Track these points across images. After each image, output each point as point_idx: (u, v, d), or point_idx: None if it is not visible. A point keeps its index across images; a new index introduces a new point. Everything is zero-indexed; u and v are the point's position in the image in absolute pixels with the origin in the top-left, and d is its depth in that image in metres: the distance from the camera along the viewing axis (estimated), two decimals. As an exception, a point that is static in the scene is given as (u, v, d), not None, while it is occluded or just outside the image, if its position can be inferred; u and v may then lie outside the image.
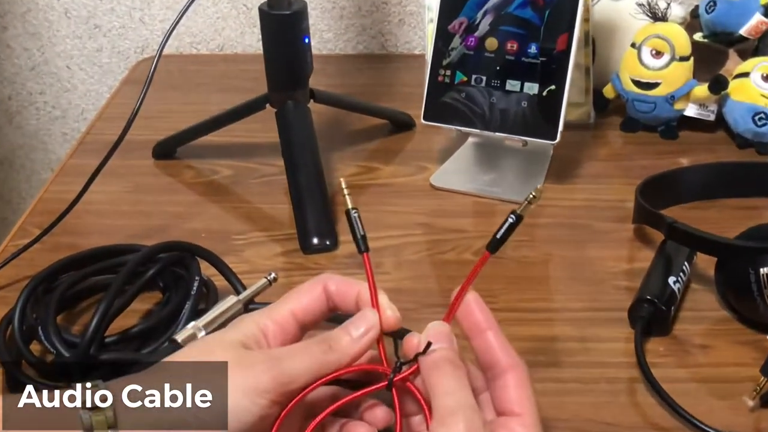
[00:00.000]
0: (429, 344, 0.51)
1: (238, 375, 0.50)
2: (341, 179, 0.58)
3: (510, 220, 0.52)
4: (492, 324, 0.53)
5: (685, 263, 0.71)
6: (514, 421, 0.49)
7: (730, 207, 0.85)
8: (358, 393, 0.54)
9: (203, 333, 0.64)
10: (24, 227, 0.81)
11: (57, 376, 0.62)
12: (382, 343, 0.55)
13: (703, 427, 0.58)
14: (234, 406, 0.49)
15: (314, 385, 0.52)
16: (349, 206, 0.57)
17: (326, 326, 0.56)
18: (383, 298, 0.56)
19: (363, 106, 1.02)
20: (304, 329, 0.56)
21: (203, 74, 1.18)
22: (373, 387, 0.54)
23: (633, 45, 0.96)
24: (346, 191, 0.59)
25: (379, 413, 0.56)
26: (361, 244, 0.58)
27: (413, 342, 0.53)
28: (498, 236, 0.52)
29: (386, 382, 0.54)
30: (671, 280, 0.69)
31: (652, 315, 0.67)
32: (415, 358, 0.52)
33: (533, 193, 0.51)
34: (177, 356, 0.53)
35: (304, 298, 0.56)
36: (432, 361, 0.51)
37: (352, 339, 0.53)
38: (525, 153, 0.89)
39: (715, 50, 1.03)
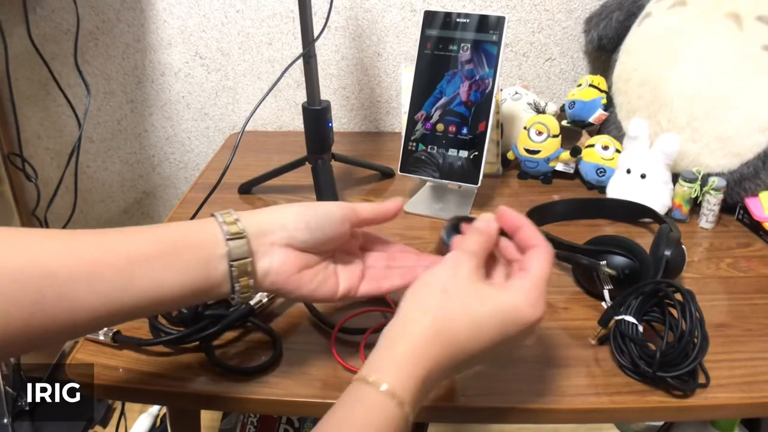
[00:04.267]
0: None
1: (335, 203, 0.51)
2: None
3: None
4: (525, 221, 0.49)
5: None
6: (520, 273, 0.46)
7: (581, 225, 0.85)
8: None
9: (266, 299, 0.65)
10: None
11: (179, 324, 0.63)
12: None
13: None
14: (326, 209, 0.50)
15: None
16: None
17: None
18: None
19: (363, 162, 1.02)
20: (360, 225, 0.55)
21: (269, 143, 1.18)
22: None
23: (525, 128, 0.97)
24: None
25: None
26: None
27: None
28: None
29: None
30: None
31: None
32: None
33: None
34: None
35: (366, 207, 0.55)
36: (470, 228, 0.50)
37: (389, 203, 0.54)
38: (460, 192, 0.89)
39: (574, 131, 1.04)
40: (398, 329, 0.43)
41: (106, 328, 0.61)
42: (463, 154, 0.85)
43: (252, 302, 0.63)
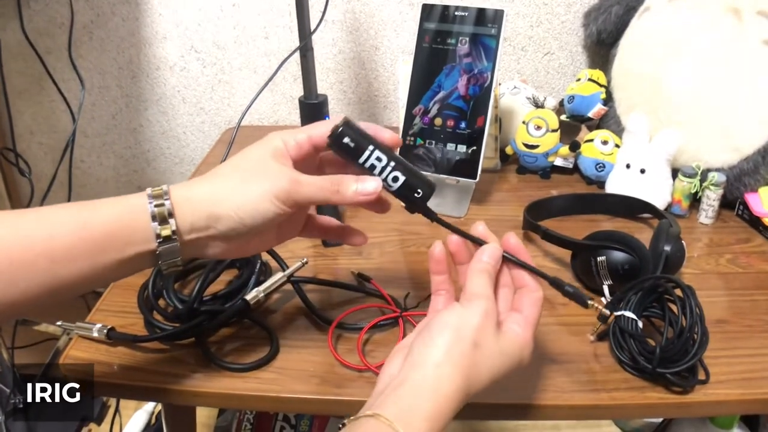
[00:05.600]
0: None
1: (266, 181, 0.47)
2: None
3: None
4: (527, 259, 0.51)
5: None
6: (521, 318, 0.48)
7: (580, 220, 0.85)
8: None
9: (262, 295, 0.64)
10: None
11: (174, 320, 0.63)
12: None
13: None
14: (260, 207, 0.46)
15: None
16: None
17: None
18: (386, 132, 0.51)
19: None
20: (317, 148, 0.51)
21: (265, 138, 1.17)
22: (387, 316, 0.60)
23: (523, 122, 0.97)
24: None
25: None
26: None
27: (478, 229, 0.51)
28: None
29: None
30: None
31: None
32: None
33: None
34: (227, 162, 0.49)
35: (321, 128, 0.50)
36: (480, 267, 0.48)
37: (356, 193, 0.48)
38: (458, 187, 0.89)
39: (573, 125, 1.04)
40: (429, 381, 0.42)
41: (99, 325, 0.60)
42: (462, 148, 0.85)
43: (248, 297, 0.63)
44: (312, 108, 0.86)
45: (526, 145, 0.96)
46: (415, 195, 0.51)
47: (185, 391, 0.56)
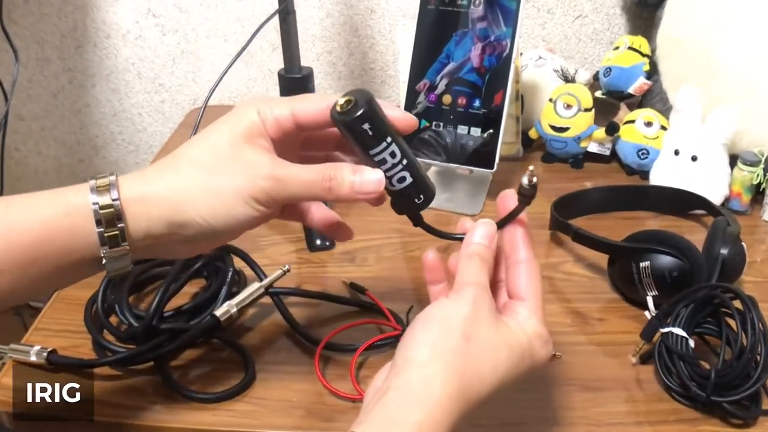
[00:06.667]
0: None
1: (240, 176, 0.45)
2: None
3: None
4: (522, 223, 0.49)
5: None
6: (520, 304, 0.47)
7: (619, 218, 0.85)
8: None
9: (235, 310, 0.64)
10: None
11: (128, 341, 0.63)
12: None
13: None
14: (234, 210, 0.45)
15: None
16: None
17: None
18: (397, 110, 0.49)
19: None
20: (302, 129, 0.48)
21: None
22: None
23: (550, 100, 0.97)
24: None
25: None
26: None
27: (465, 225, 0.51)
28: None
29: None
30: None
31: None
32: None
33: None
34: (190, 146, 0.47)
35: (308, 104, 0.47)
36: (468, 251, 0.48)
37: (352, 190, 0.46)
38: (471, 178, 0.89)
39: (610, 104, 1.04)
40: (416, 384, 0.41)
41: (38, 347, 0.60)
42: (476, 132, 0.85)
43: (218, 313, 0.63)
44: (294, 83, 0.86)
45: (554, 128, 0.96)
46: (416, 201, 0.50)
47: (143, 427, 0.56)
